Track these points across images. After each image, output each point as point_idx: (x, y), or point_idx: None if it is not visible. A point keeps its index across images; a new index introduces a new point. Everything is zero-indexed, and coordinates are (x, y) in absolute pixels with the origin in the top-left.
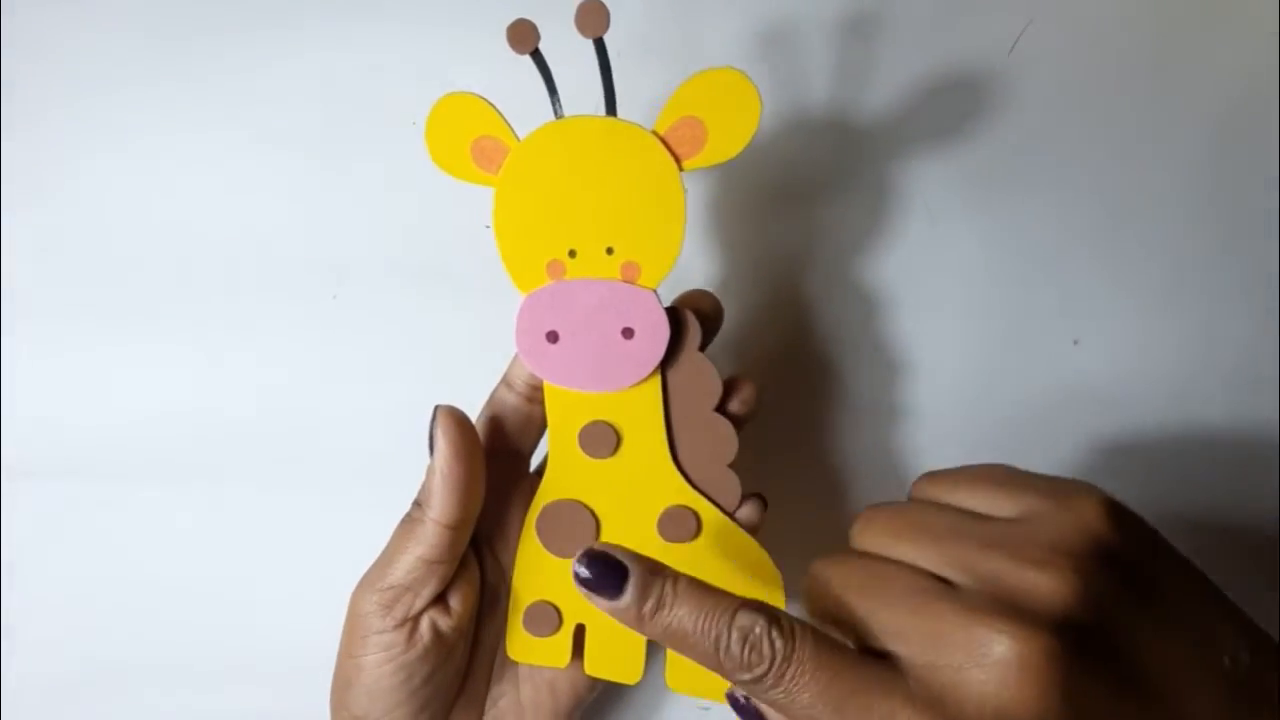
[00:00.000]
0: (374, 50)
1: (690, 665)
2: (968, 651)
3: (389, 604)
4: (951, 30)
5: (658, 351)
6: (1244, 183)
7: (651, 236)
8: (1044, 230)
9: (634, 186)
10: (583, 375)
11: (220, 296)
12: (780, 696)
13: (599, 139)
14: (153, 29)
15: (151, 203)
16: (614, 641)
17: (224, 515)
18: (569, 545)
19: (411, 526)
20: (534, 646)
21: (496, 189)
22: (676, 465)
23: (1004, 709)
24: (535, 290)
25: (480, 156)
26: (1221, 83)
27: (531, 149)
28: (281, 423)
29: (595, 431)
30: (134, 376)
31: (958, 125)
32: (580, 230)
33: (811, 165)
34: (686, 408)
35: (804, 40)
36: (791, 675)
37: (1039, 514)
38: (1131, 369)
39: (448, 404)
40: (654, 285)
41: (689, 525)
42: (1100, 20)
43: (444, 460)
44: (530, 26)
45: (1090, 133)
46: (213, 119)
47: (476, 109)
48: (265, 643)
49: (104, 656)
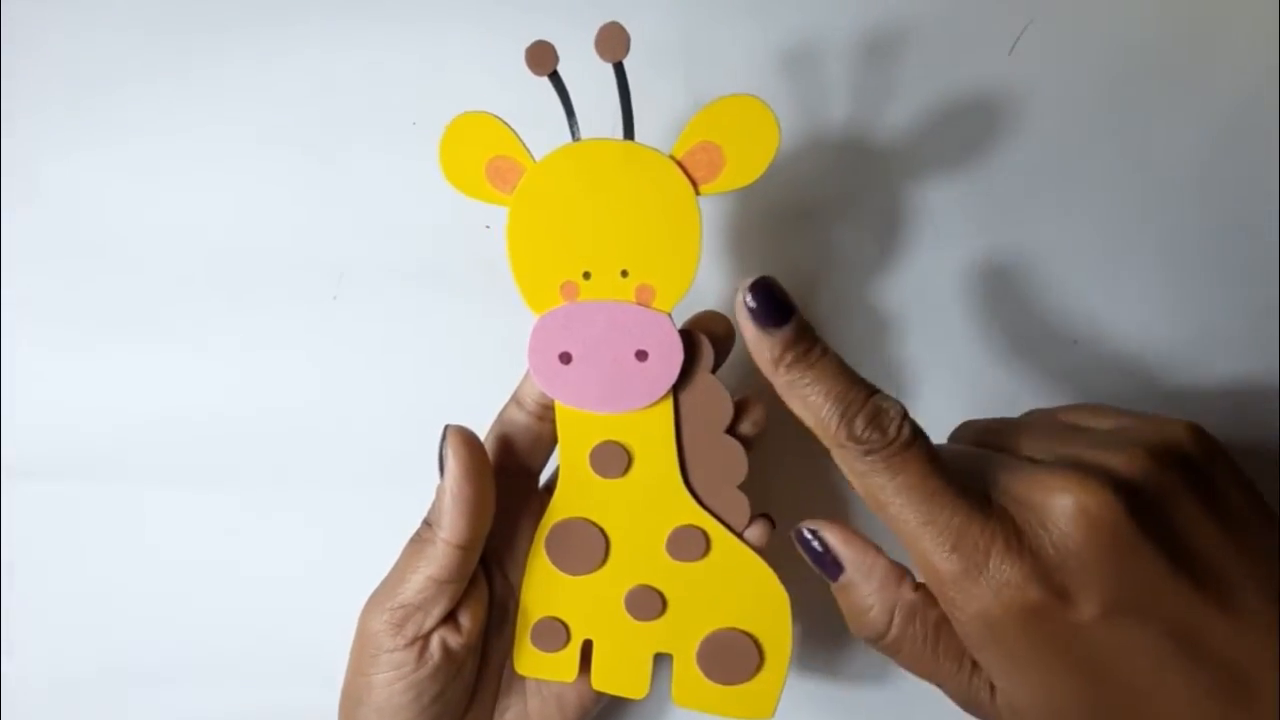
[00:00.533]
0: (374, 49)
1: (696, 679)
2: (1044, 503)
3: (399, 623)
4: (952, 32)
5: (671, 374)
6: (1244, 183)
7: (667, 260)
8: (1044, 230)
9: (650, 210)
10: (595, 396)
11: (220, 297)
12: (880, 479)
13: (616, 162)
14: (152, 28)
15: (151, 203)
16: (621, 657)
17: (224, 515)
18: (578, 563)
19: (422, 546)
20: (541, 661)
21: (511, 209)
22: (686, 485)
23: (1071, 551)
24: (549, 311)
25: (495, 176)
26: (1222, 83)
27: (547, 170)
28: (281, 423)
29: (606, 452)
30: (134, 377)
31: (958, 129)
32: (595, 252)
33: (819, 184)
34: (698, 429)
35: (811, 59)
36: (901, 462)
37: (1131, 426)
38: (1131, 369)
39: (458, 424)
40: (668, 309)
41: (698, 545)
42: (1101, 20)
43: (454, 481)
44: (549, 48)
45: (1090, 133)
46: (212, 118)
47: (492, 128)
48: (265, 643)
49: (104, 656)
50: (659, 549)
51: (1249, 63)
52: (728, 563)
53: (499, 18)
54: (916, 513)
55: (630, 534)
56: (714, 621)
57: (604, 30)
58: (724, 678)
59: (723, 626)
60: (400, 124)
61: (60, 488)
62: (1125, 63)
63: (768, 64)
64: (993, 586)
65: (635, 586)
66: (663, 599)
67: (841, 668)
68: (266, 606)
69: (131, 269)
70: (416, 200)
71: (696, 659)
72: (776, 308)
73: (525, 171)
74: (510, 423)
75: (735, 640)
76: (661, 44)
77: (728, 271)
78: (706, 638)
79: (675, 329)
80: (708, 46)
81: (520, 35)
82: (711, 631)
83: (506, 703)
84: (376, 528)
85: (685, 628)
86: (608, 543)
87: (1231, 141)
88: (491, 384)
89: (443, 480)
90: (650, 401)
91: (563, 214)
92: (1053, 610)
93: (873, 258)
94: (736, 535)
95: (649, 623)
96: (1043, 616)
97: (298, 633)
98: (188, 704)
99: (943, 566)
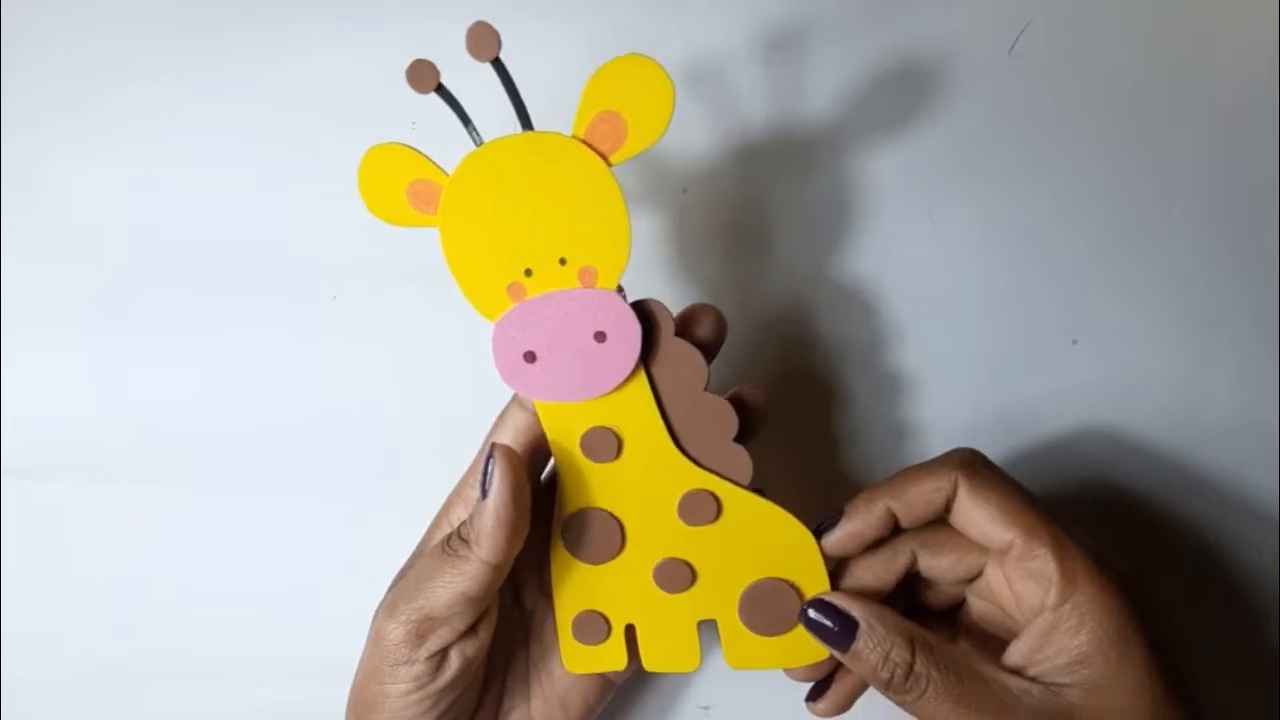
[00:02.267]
0: (374, 49)
1: (745, 637)
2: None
3: (422, 635)
4: (951, 31)
5: (633, 348)
6: (1244, 183)
7: (599, 238)
8: (1044, 230)
9: (569, 193)
10: (567, 387)
11: (220, 297)
12: (922, 707)
13: (522, 155)
14: (152, 29)
15: (151, 203)
16: (665, 633)
17: (224, 515)
18: (598, 552)
19: (454, 561)
20: (589, 655)
21: (440, 228)
22: (682, 451)
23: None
24: (502, 314)
25: (417, 200)
26: (1223, 82)
27: (461, 182)
28: (281, 423)
29: (595, 437)
30: (133, 377)
31: (958, 129)
32: (529, 248)
33: (811, 180)
34: (677, 394)
35: (793, 47)
36: (933, 694)
37: None
38: (1131, 369)
39: (504, 444)
40: (613, 285)
41: (710, 507)
42: (1101, 20)
43: (500, 503)
44: (429, 66)
45: (1090, 132)
46: (212, 118)
47: (402, 156)
48: (265, 643)
49: (104, 656)
50: (673, 519)
51: (1249, 62)
52: (744, 517)
53: (499, 17)
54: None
55: (641, 512)
56: (747, 576)
57: (472, 30)
58: (771, 628)
59: (757, 579)
60: (400, 124)
61: (60, 487)
62: (1125, 62)
63: (745, 56)
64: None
65: (661, 561)
66: (690, 568)
67: None
68: (267, 607)
69: (131, 269)
70: None
71: (740, 616)
72: (841, 625)
73: (442, 189)
74: (515, 424)
75: (773, 588)
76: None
77: (717, 265)
78: (744, 593)
79: (626, 304)
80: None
81: (521, 35)
82: (747, 586)
83: (510, 704)
84: (378, 525)
85: (720, 589)
86: (622, 526)
87: (1232, 141)
88: (491, 384)
89: (486, 500)
90: (621, 379)
91: (488, 219)
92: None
93: (873, 259)
94: (745, 488)
95: (683, 594)
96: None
97: (298, 633)
98: (188, 703)
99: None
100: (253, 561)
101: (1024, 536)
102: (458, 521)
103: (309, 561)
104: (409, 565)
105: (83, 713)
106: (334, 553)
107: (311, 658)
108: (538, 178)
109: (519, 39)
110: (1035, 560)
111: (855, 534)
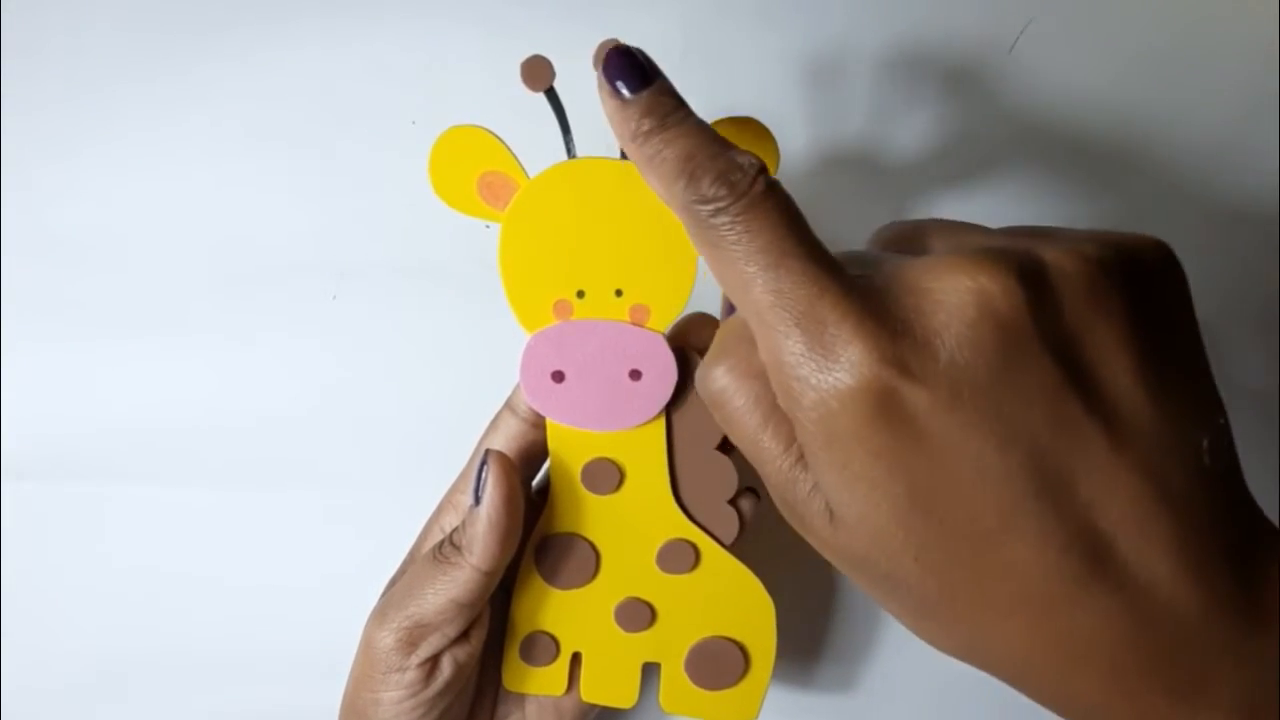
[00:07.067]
0: (374, 48)
1: (684, 685)
2: (934, 287)
3: (414, 642)
4: (951, 31)
5: (665, 394)
6: (1244, 183)
7: (662, 281)
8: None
9: (646, 231)
10: (588, 414)
11: (219, 296)
12: (732, 249)
13: (613, 181)
14: (151, 27)
15: (150, 203)
16: (610, 668)
17: (224, 515)
18: (568, 578)
19: (446, 568)
20: (530, 675)
21: (504, 226)
22: (677, 501)
23: (941, 334)
24: (541, 329)
25: (487, 192)
26: (1223, 82)
27: (542, 187)
28: (281, 423)
29: (598, 468)
30: (133, 377)
31: (957, 129)
32: (589, 271)
33: (809, 181)
34: (690, 446)
35: (792, 47)
36: (751, 220)
37: (1086, 234)
38: None
39: (498, 450)
40: (663, 329)
41: (688, 558)
42: (1101, 20)
43: (494, 510)
44: (545, 64)
45: (1090, 132)
46: (211, 117)
47: (484, 142)
48: (265, 643)
49: (104, 657)
50: (649, 563)
51: (1249, 62)
52: (716, 574)
53: (500, 17)
54: (764, 283)
55: (621, 548)
56: (702, 630)
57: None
58: (710, 683)
59: (710, 635)
60: (400, 123)
61: (60, 487)
62: (1125, 62)
63: (768, 73)
64: (833, 372)
65: (626, 599)
66: (652, 610)
67: (813, 679)
68: (268, 606)
69: (130, 268)
70: (416, 199)
71: (684, 667)
72: (637, 73)
73: (519, 188)
74: (506, 431)
75: (722, 648)
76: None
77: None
78: (694, 646)
79: (669, 350)
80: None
81: (521, 35)
82: (699, 640)
83: (505, 709)
84: (378, 525)
85: (674, 637)
86: (598, 557)
87: (1232, 141)
88: (492, 384)
89: (479, 507)
90: (644, 420)
91: (557, 232)
92: (896, 401)
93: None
94: (725, 548)
95: (638, 634)
96: (885, 413)
97: (299, 633)
98: (188, 703)
99: (781, 345)
100: (253, 561)
101: None
102: (449, 528)
103: (309, 561)
104: (400, 573)
105: (82, 712)
106: (335, 552)
107: (312, 658)
108: (620, 205)
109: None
110: None
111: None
